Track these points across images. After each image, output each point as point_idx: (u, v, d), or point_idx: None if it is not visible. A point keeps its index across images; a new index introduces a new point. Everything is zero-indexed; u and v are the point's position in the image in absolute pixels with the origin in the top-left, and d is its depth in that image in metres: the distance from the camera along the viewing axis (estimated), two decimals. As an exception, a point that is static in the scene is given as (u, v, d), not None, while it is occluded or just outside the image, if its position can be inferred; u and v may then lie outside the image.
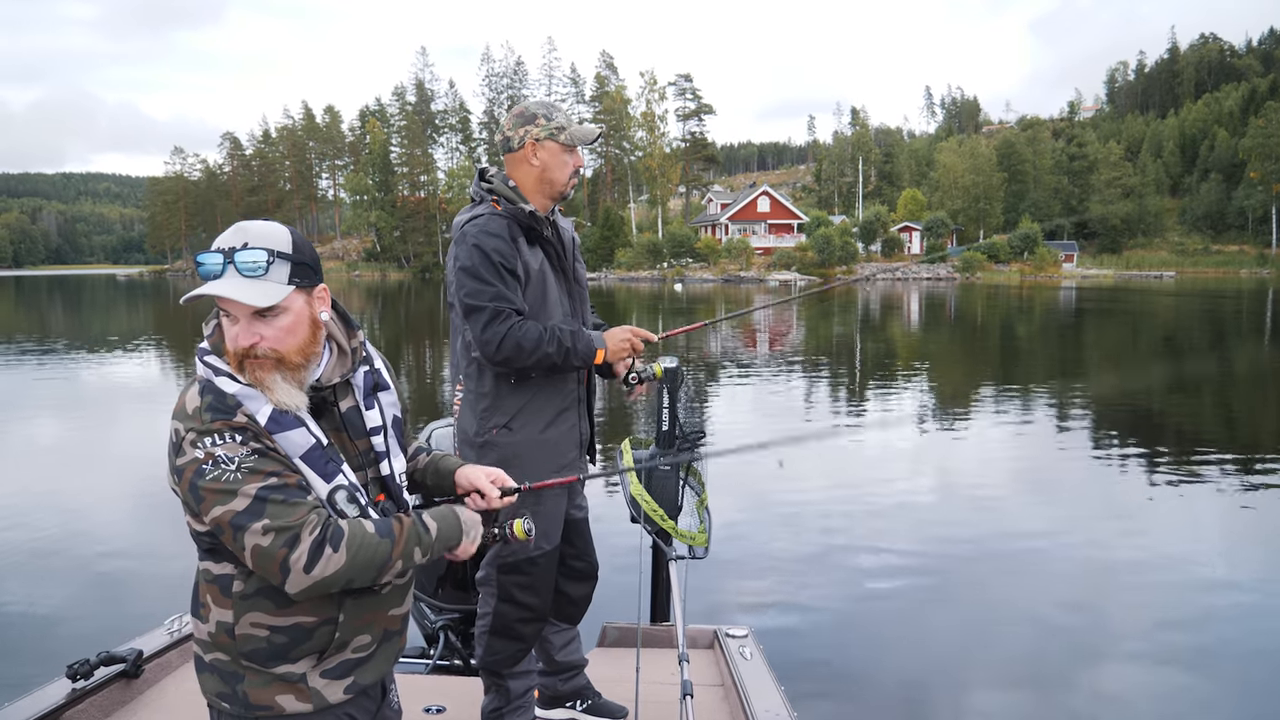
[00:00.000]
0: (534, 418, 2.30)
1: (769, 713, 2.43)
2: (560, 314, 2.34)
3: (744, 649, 2.82)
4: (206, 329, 1.42)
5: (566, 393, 2.37)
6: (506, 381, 2.28)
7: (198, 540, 1.40)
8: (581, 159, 2.36)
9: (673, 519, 2.85)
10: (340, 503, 1.38)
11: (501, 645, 2.38)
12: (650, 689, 2.69)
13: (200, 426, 1.30)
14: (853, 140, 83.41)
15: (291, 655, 1.38)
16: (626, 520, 2.89)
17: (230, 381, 1.34)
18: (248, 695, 1.38)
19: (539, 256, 2.30)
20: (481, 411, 2.30)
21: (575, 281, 2.44)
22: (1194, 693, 3.76)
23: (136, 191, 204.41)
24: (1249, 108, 78.64)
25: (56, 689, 2.39)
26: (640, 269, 59.03)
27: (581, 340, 2.26)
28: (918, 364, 15.73)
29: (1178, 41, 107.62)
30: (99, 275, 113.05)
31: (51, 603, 4.71)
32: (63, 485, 7.28)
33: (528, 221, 2.27)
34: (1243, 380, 13.77)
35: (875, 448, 8.52)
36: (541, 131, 2.27)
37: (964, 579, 5.08)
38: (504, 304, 2.18)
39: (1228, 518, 6.28)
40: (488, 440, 2.29)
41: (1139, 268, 65.63)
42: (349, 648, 1.42)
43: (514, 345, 2.18)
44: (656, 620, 3.13)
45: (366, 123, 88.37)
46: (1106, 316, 27.34)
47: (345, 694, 1.43)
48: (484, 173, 2.35)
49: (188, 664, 2.83)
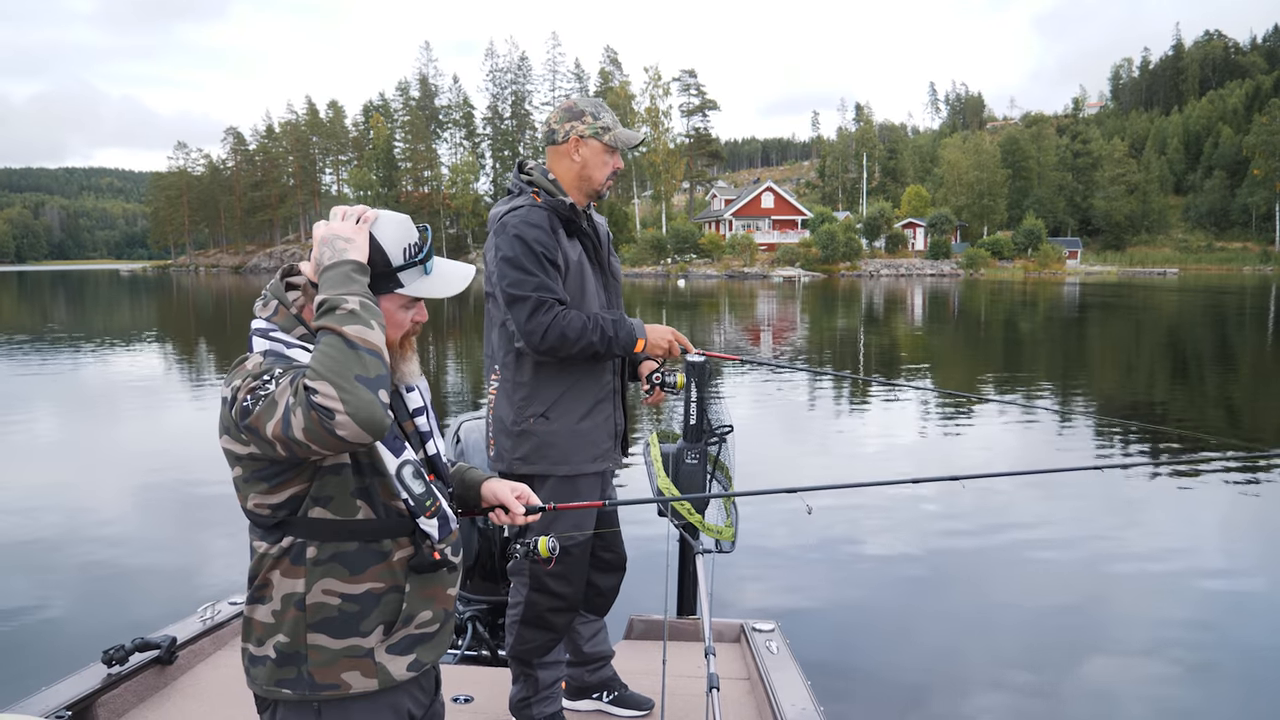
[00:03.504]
0: (571, 407, 2.33)
1: (795, 706, 2.44)
2: (597, 306, 2.37)
3: (770, 643, 2.83)
4: (266, 310, 1.43)
5: (603, 384, 2.39)
6: (545, 371, 2.30)
7: (262, 522, 1.39)
8: (621, 161, 2.39)
9: (700, 513, 2.87)
10: (407, 478, 1.41)
11: (533, 635, 2.41)
12: (676, 682, 2.71)
13: (257, 369, 1.30)
14: (857, 136, 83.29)
15: (361, 627, 1.39)
16: (654, 514, 2.91)
17: (304, 352, 1.36)
18: (313, 675, 1.38)
19: (577, 249, 2.33)
20: (519, 401, 2.32)
21: (611, 274, 2.47)
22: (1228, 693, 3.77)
23: (139, 186, 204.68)
24: (1253, 105, 78.44)
25: (92, 674, 2.42)
26: (644, 265, 58.99)
27: (624, 328, 2.29)
28: (920, 360, 15.73)
29: (1182, 38, 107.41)
30: (102, 270, 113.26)
31: (81, 592, 4.76)
32: (88, 479, 7.30)
33: (567, 214, 2.29)
34: (1245, 375, 13.76)
35: (878, 442, 8.53)
36: (587, 129, 2.29)
37: (992, 575, 5.10)
38: (547, 294, 2.21)
39: (1230, 513, 6.29)
40: (525, 429, 2.31)
41: (1142, 265, 65.54)
42: (413, 622, 1.45)
43: (559, 334, 2.21)
44: (683, 614, 3.15)
45: (370, 118, 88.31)
46: (1111, 312, 27.31)
47: (408, 671, 1.45)
48: (523, 164, 2.37)
49: (221, 650, 2.86)
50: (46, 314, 30.60)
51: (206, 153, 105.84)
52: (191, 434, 9.00)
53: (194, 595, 2.99)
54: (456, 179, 79.64)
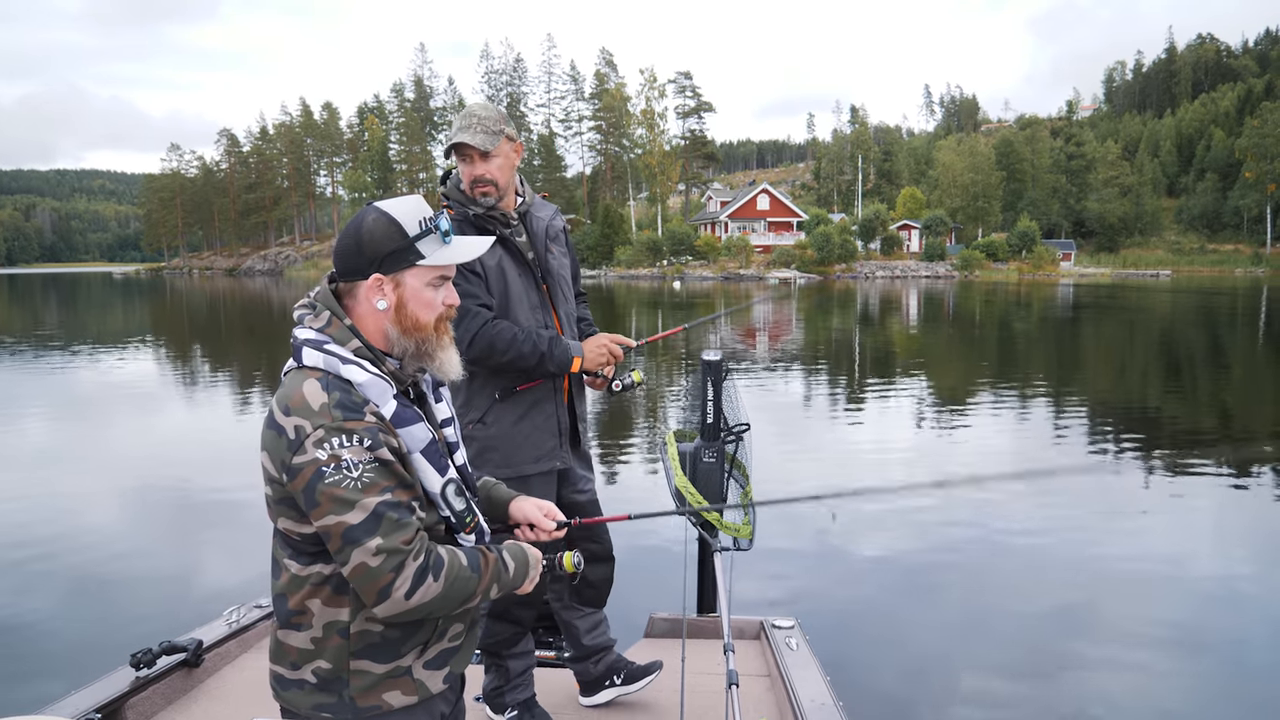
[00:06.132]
0: (507, 411, 2.35)
1: (814, 702, 2.45)
2: (526, 309, 2.35)
3: (790, 639, 2.85)
4: (318, 320, 1.36)
5: (541, 384, 2.40)
6: (479, 377, 2.32)
7: (297, 545, 1.34)
8: (476, 166, 2.26)
9: (718, 512, 2.89)
10: (450, 496, 1.40)
11: (500, 628, 2.47)
12: (696, 679, 2.73)
13: (330, 424, 1.26)
14: (852, 138, 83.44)
15: (402, 649, 1.38)
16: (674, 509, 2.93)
17: (359, 370, 1.32)
18: (355, 699, 1.36)
19: (496, 254, 2.32)
20: (458, 408, 2.34)
21: (547, 272, 2.42)
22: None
23: (132, 188, 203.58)
24: (1245, 108, 78.94)
25: (121, 677, 2.45)
26: (640, 267, 59.00)
27: (559, 347, 2.31)
28: (916, 361, 15.79)
29: (1175, 41, 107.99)
30: (95, 273, 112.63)
31: (106, 596, 4.78)
32: (110, 484, 7.29)
33: (480, 221, 2.31)
34: (1237, 375, 13.85)
35: (875, 444, 8.57)
36: (449, 143, 2.31)
37: (1015, 574, 5.12)
38: (469, 301, 2.23)
39: (1223, 512, 6.34)
40: (465, 434, 2.33)
41: (1135, 266, 65.84)
42: (446, 636, 1.45)
43: (486, 344, 2.24)
44: (703, 612, 3.17)
45: (365, 119, 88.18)
46: (1104, 313, 27.43)
47: (444, 683, 1.45)
48: (444, 177, 2.40)
49: (246, 653, 2.88)
50: (39, 316, 30.44)
51: (200, 154, 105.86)
52: (210, 438, 9.02)
53: (220, 598, 2.99)
54: (452, 181, 79.43)
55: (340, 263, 1.39)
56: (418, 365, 1.42)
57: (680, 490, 2.87)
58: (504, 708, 2.53)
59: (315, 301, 1.39)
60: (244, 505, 6.20)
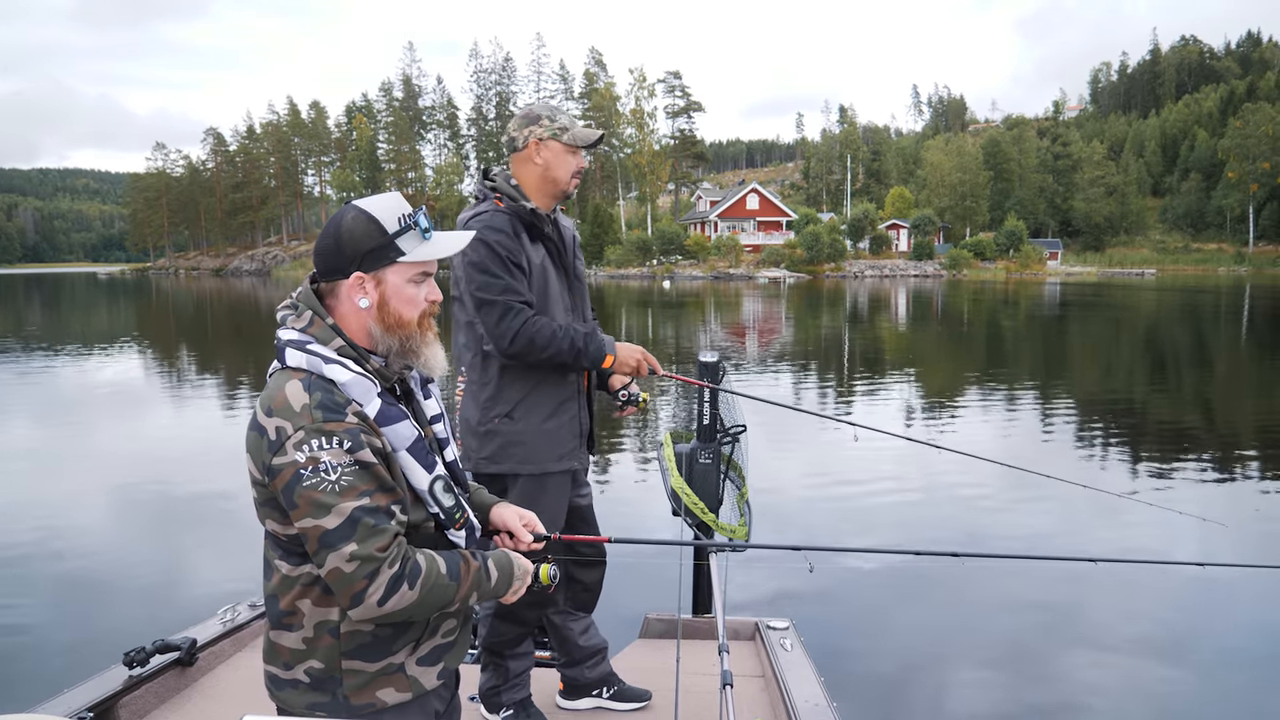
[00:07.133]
0: (536, 408, 2.37)
1: (808, 702, 2.47)
2: (562, 308, 2.40)
3: (784, 640, 2.86)
4: (300, 320, 1.36)
5: (568, 384, 2.42)
6: (510, 372, 2.34)
7: (286, 546, 1.35)
8: (584, 161, 2.41)
9: (713, 512, 2.90)
10: (439, 492, 1.39)
11: (506, 628, 2.48)
12: (691, 679, 2.74)
13: (310, 425, 1.26)
14: (841, 138, 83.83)
15: (394, 647, 1.39)
16: (668, 513, 2.93)
17: (342, 370, 1.31)
18: (348, 698, 1.37)
19: (540, 252, 2.36)
20: (484, 401, 2.36)
21: (576, 278, 2.50)
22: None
23: (116, 188, 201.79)
24: (1228, 109, 79.90)
25: (114, 675, 2.43)
26: (629, 266, 58.99)
27: (594, 343, 2.33)
28: (905, 358, 15.87)
29: (1159, 43, 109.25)
30: (79, 273, 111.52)
31: (99, 595, 4.75)
32: (101, 483, 7.22)
33: (529, 218, 2.33)
34: (1221, 373, 14.00)
35: (865, 441, 8.60)
36: (545, 131, 2.33)
37: (1012, 575, 5.15)
38: (513, 297, 2.25)
39: (1208, 509, 6.40)
40: (490, 429, 2.34)
41: (1121, 265, 66.47)
42: (439, 633, 1.45)
43: (528, 340, 2.25)
44: (698, 612, 3.18)
45: (353, 118, 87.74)
46: (1091, 311, 27.67)
47: (438, 680, 1.46)
48: (487, 172, 2.41)
49: (241, 652, 2.87)
50: (21, 318, 30.11)
51: (186, 153, 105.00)
52: (201, 437, 8.95)
53: (215, 597, 2.97)
54: (441, 180, 79.32)
55: (321, 262, 1.39)
56: (403, 362, 1.42)
57: (676, 490, 2.88)
58: (499, 707, 2.53)
59: (297, 302, 1.39)
60: (237, 505, 6.16)
